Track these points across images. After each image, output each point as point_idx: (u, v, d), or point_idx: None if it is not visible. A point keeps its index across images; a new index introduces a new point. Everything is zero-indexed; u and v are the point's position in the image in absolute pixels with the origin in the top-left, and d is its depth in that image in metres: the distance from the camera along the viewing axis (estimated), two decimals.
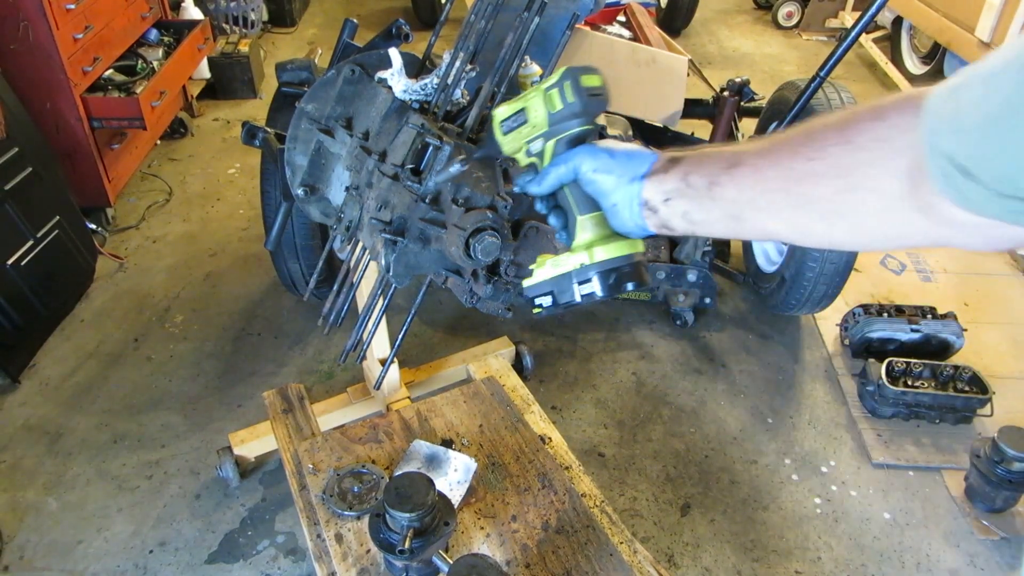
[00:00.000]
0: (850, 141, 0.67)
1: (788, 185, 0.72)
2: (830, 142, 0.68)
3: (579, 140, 0.88)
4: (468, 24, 1.22)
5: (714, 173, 0.78)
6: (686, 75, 3.07)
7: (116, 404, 2.48)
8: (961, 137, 0.55)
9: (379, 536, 1.33)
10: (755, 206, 0.75)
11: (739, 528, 2.11)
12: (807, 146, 0.70)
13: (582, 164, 0.86)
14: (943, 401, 2.34)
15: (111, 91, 3.26)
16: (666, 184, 0.81)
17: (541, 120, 0.89)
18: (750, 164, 0.75)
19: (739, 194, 0.76)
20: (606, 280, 0.85)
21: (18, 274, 2.57)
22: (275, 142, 1.55)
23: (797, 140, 0.72)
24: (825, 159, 0.68)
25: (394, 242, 1.13)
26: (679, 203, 0.81)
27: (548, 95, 0.87)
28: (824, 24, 5.70)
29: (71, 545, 2.04)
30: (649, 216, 0.83)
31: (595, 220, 0.87)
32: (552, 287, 0.89)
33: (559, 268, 0.88)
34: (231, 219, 3.46)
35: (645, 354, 2.72)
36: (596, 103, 0.87)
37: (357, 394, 2.30)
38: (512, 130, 0.92)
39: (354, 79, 1.34)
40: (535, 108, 0.89)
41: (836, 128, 0.69)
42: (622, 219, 0.85)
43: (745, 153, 0.76)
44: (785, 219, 0.74)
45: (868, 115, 0.67)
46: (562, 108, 0.87)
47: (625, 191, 0.84)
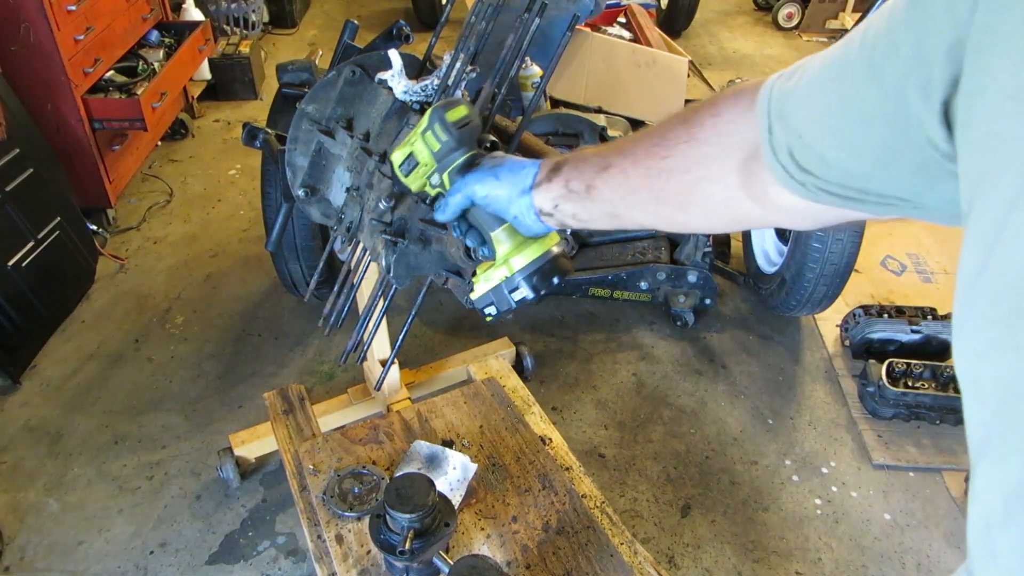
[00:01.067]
0: (694, 138, 0.73)
1: (648, 183, 0.79)
2: (680, 140, 0.75)
3: (468, 165, 0.96)
4: (468, 25, 1.22)
5: (590, 177, 0.85)
6: (686, 76, 3.08)
7: (117, 405, 2.48)
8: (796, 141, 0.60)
9: (379, 537, 1.33)
10: (627, 203, 0.83)
11: (739, 529, 2.11)
12: (660, 145, 0.77)
13: (475, 191, 0.93)
14: (944, 402, 2.34)
15: (112, 92, 3.27)
16: (551, 192, 0.88)
17: (428, 159, 0.97)
18: (617, 166, 0.82)
19: (612, 194, 0.83)
20: (531, 282, 0.94)
21: (19, 275, 2.57)
22: (275, 143, 1.55)
23: (652, 139, 0.79)
24: (675, 156, 0.75)
25: (394, 243, 1.13)
26: (566, 207, 0.88)
27: (425, 137, 0.95)
28: (824, 25, 5.70)
29: (72, 546, 2.04)
30: (547, 219, 0.91)
31: (506, 232, 0.95)
32: (492, 298, 0.97)
33: (491, 282, 0.96)
34: (232, 220, 3.46)
35: (645, 355, 2.72)
36: (467, 132, 0.95)
37: (357, 395, 2.30)
38: (410, 171, 1.00)
39: (355, 80, 1.34)
40: (420, 151, 0.97)
41: (682, 126, 0.75)
42: (526, 225, 0.92)
43: (613, 155, 0.83)
44: (651, 212, 0.82)
45: (707, 112, 0.73)
46: (440, 147, 0.95)
47: (518, 204, 0.91)
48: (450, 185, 0.97)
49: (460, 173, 0.95)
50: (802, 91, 0.59)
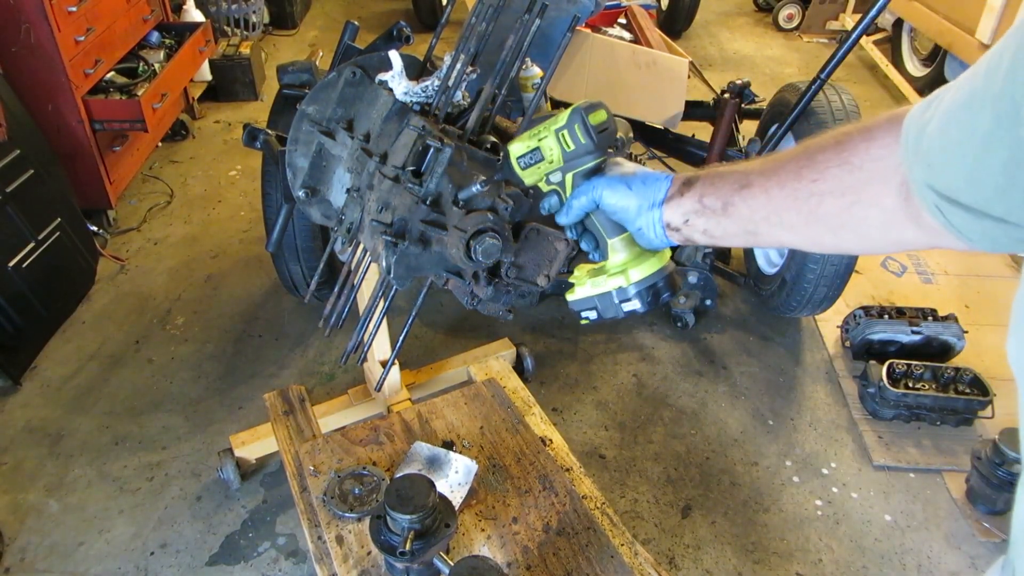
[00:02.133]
0: (847, 162, 0.74)
1: (797, 204, 0.79)
2: (831, 164, 0.75)
3: (595, 170, 0.95)
4: (469, 26, 1.22)
5: (727, 194, 0.85)
6: (687, 77, 3.08)
7: (117, 406, 2.48)
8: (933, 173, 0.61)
9: (380, 538, 1.33)
10: (769, 222, 0.83)
11: (740, 530, 2.11)
12: (809, 168, 0.77)
13: (603, 196, 0.93)
14: (944, 403, 2.34)
15: (112, 93, 3.27)
16: (683, 206, 0.88)
17: (556, 157, 0.95)
18: (759, 185, 0.82)
19: (752, 212, 0.83)
20: (644, 297, 0.94)
21: (19, 276, 2.57)
22: (276, 144, 1.55)
23: (800, 162, 0.79)
24: (828, 180, 0.75)
25: (395, 244, 1.13)
26: (698, 222, 0.88)
27: (561, 135, 0.94)
28: (825, 26, 5.71)
29: (72, 547, 2.04)
30: (672, 234, 0.91)
31: (624, 241, 0.95)
32: (596, 303, 0.97)
33: (600, 288, 0.96)
34: (232, 221, 3.46)
35: (646, 356, 2.72)
36: (605, 138, 0.94)
37: (358, 396, 2.30)
38: (530, 166, 0.98)
39: (355, 81, 1.34)
40: (549, 147, 0.95)
41: (833, 150, 0.75)
42: (648, 238, 0.93)
43: (753, 174, 0.83)
44: (798, 233, 0.82)
45: (860, 136, 0.73)
46: (575, 147, 0.94)
47: (647, 216, 0.91)
48: (572, 187, 0.96)
49: (586, 176, 0.95)
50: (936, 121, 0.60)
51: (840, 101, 2.46)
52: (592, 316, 0.98)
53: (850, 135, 0.74)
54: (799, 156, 0.79)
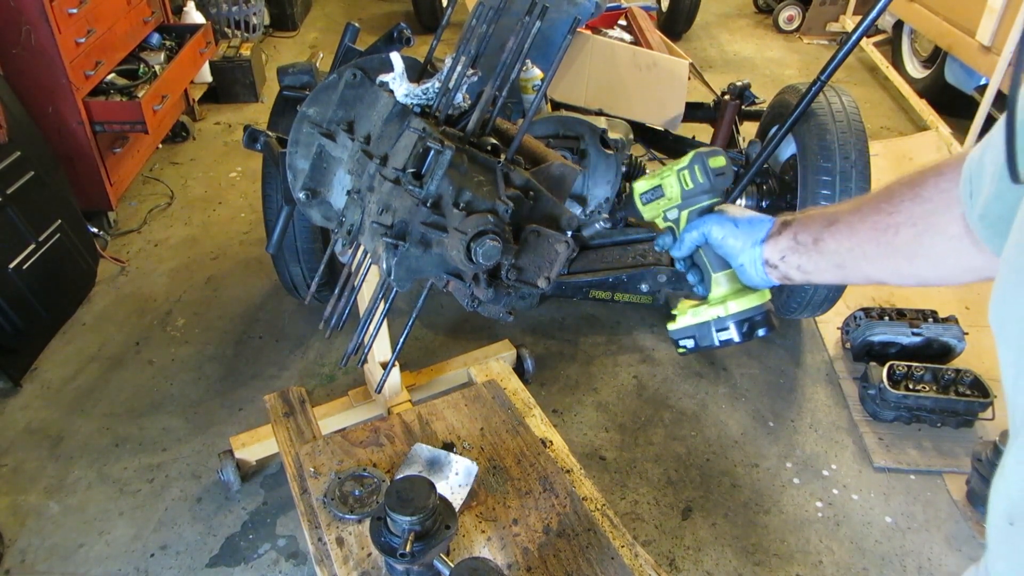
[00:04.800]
0: (918, 195, 0.82)
1: (876, 235, 0.87)
2: (905, 198, 0.84)
3: (708, 210, 1.05)
4: (469, 28, 1.22)
5: (817, 231, 0.93)
6: (687, 79, 3.08)
7: (117, 408, 2.48)
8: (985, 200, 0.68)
9: (380, 539, 1.33)
10: (853, 256, 0.90)
11: (740, 532, 2.11)
12: (887, 202, 0.86)
13: (712, 231, 1.02)
14: (945, 405, 2.33)
15: (113, 95, 3.27)
16: (780, 244, 0.97)
17: (676, 195, 1.06)
18: (845, 221, 0.90)
19: (838, 246, 0.91)
20: (741, 328, 1.02)
21: (20, 277, 2.57)
22: (276, 146, 1.55)
23: (880, 198, 0.88)
24: (902, 212, 0.84)
25: (395, 246, 1.13)
26: (793, 258, 0.96)
27: (681, 175, 1.05)
28: (825, 28, 5.71)
29: (72, 549, 2.04)
30: (771, 271, 0.99)
31: (727, 276, 1.03)
32: (694, 332, 1.05)
33: (699, 317, 1.04)
34: (233, 223, 3.47)
35: (646, 357, 2.72)
36: (722, 181, 1.04)
37: (358, 397, 2.30)
38: (650, 201, 1.09)
39: (355, 83, 1.34)
40: (670, 185, 1.06)
41: (908, 185, 0.84)
42: (749, 275, 1.01)
43: (840, 212, 0.92)
44: (878, 264, 0.89)
45: (932, 172, 0.82)
46: (694, 187, 1.04)
47: (749, 254, 0.99)
48: (686, 223, 1.05)
49: (699, 214, 1.04)
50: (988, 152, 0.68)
51: (840, 103, 2.46)
52: (689, 345, 1.06)
53: (924, 172, 0.83)
54: (880, 193, 0.88)
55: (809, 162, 2.41)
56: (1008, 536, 0.53)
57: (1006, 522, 0.54)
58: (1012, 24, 3.34)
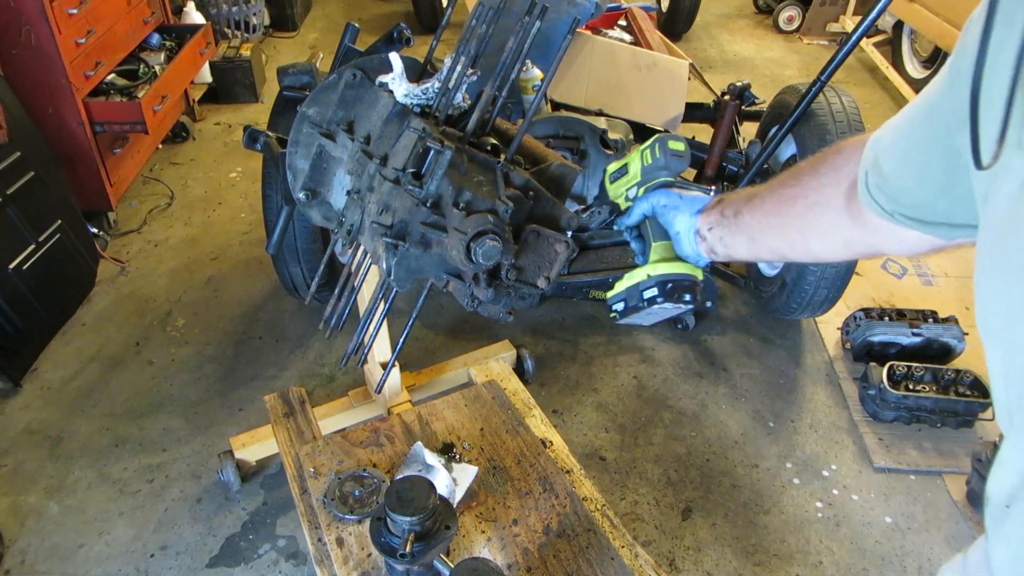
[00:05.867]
0: (816, 170, 0.89)
1: (779, 207, 0.93)
2: (804, 172, 0.91)
3: (662, 187, 1.12)
4: (469, 28, 1.22)
5: (738, 205, 0.99)
6: (687, 79, 3.08)
7: (117, 408, 2.48)
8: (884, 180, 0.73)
9: (380, 540, 1.33)
10: (760, 227, 0.96)
11: (740, 532, 2.11)
12: (792, 177, 0.93)
13: (659, 200, 1.09)
14: (945, 405, 2.33)
15: (113, 95, 3.27)
16: (710, 217, 1.04)
17: (636, 171, 1.14)
18: (759, 196, 0.97)
19: (752, 219, 0.97)
20: (664, 287, 1.06)
21: (20, 278, 2.57)
22: (276, 146, 1.55)
23: (788, 174, 0.94)
24: (800, 185, 0.91)
25: (395, 246, 1.13)
26: (717, 231, 1.02)
27: (643, 153, 1.13)
28: (825, 28, 5.71)
29: (72, 549, 2.04)
30: (700, 243, 1.05)
31: (664, 246, 1.10)
32: (625, 295, 1.12)
33: (632, 280, 1.11)
34: (233, 223, 3.47)
35: (646, 358, 2.72)
36: (677, 161, 1.11)
37: (358, 398, 2.30)
38: (616, 180, 1.17)
39: (355, 83, 1.34)
40: (633, 163, 1.14)
41: (811, 162, 0.90)
42: (683, 245, 1.08)
43: (760, 188, 0.98)
44: (779, 236, 0.95)
45: (832, 151, 0.88)
46: (652, 163, 1.12)
47: (686, 223, 1.06)
48: (638, 195, 1.13)
49: (652, 191, 1.12)
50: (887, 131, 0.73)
51: (840, 103, 2.46)
52: (620, 307, 1.13)
53: (827, 151, 0.89)
54: (792, 170, 0.94)
55: None
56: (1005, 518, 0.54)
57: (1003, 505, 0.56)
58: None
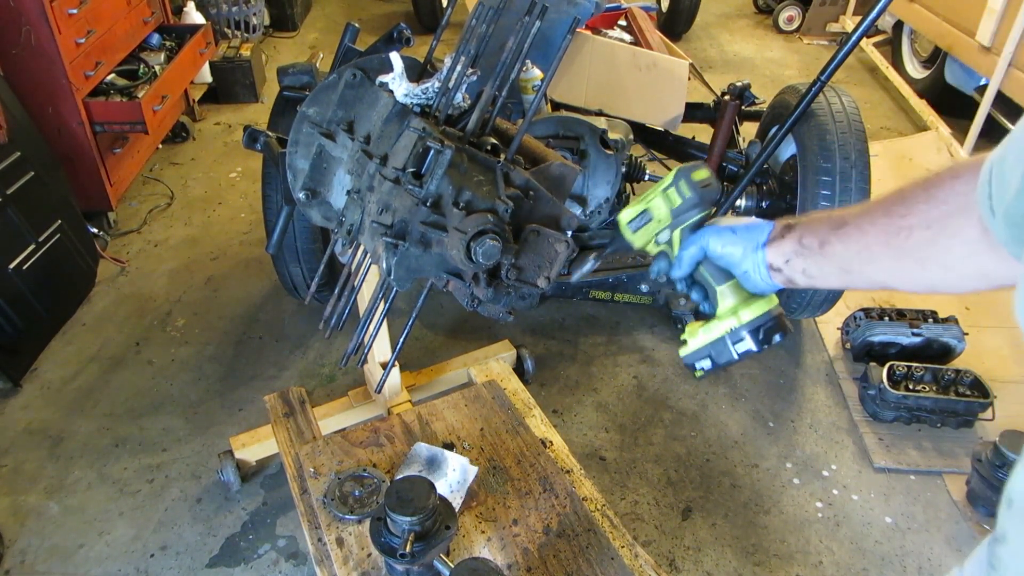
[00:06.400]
0: (933, 197, 0.79)
1: (887, 239, 0.84)
2: (918, 200, 0.81)
3: (700, 224, 1.02)
4: (469, 28, 1.22)
5: (824, 234, 0.91)
6: (687, 79, 3.08)
7: (117, 408, 2.48)
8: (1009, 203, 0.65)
9: (380, 540, 1.33)
10: (861, 259, 0.88)
11: (740, 532, 2.11)
12: (899, 205, 0.83)
13: (710, 243, 0.99)
14: (944, 405, 2.33)
15: (113, 95, 3.27)
16: (784, 248, 0.94)
17: (664, 215, 1.03)
18: (854, 224, 0.88)
19: (846, 250, 0.89)
20: (756, 336, 0.98)
21: (20, 278, 2.57)
22: (276, 146, 1.55)
23: (891, 201, 0.85)
24: (915, 215, 0.81)
25: (395, 246, 1.13)
26: (798, 262, 0.94)
27: (667, 194, 1.02)
28: (825, 28, 5.71)
29: (72, 549, 2.04)
30: (775, 275, 0.96)
31: (732, 287, 1.00)
32: (710, 351, 1.01)
33: (712, 334, 1.00)
34: (233, 223, 3.47)
35: (646, 358, 2.72)
36: (709, 192, 1.01)
37: (358, 398, 2.30)
38: (640, 228, 1.05)
39: (355, 83, 1.34)
40: (658, 207, 1.03)
41: (922, 187, 0.81)
42: (754, 281, 0.98)
43: (848, 215, 0.89)
44: (887, 268, 0.87)
45: (948, 174, 0.79)
46: (682, 203, 1.01)
47: (751, 259, 0.97)
48: (680, 242, 1.02)
49: (692, 231, 1.01)
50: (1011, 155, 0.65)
51: (840, 103, 2.46)
52: (707, 366, 1.01)
53: (939, 175, 0.80)
54: (892, 196, 0.85)
55: (809, 162, 2.41)
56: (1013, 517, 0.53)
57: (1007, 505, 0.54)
58: (1012, 24, 3.34)
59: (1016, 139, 0.65)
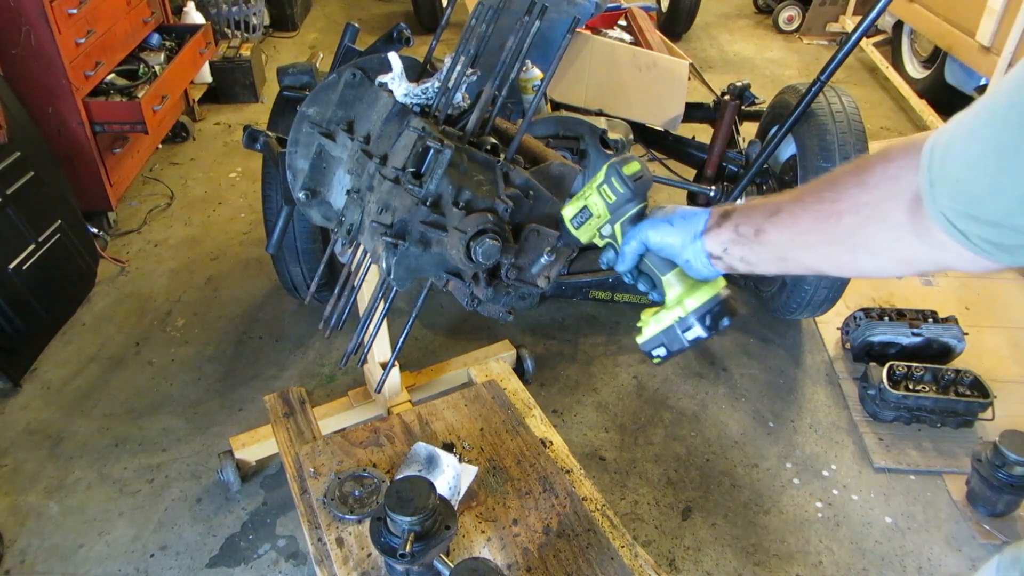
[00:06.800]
0: (864, 182, 0.79)
1: (817, 225, 0.84)
2: (849, 184, 0.81)
3: (639, 216, 1.04)
4: (469, 28, 1.22)
5: (759, 222, 0.91)
6: (687, 79, 3.08)
7: (117, 408, 2.48)
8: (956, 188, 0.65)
9: (380, 540, 1.33)
10: (794, 246, 0.88)
11: (740, 532, 2.11)
12: (830, 190, 0.83)
13: (649, 237, 1.01)
14: (944, 405, 2.33)
15: (113, 95, 3.27)
16: (721, 236, 0.95)
17: (603, 211, 1.05)
18: (787, 211, 0.88)
19: (780, 237, 0.89)
20: (704, 323, 0.99)
21: (20, 278, 2.57)
22: (276, 146, 1.55)
23: (822, 186, 0.85)
24: (845, 199, 0.81)
25: (395, 245, 1.13)
26: (735, 250, 0.94)
27: (602, 190, 1.04)
28: (825, 28, 5.71)
29: (72, 549, 2.04)
30: (716, 262, 0.97)
31: (677, 276, 1.01)
32: (663, 339, 1.03)
33: (662, 323, 1.02)
34: (233, 223, 3.47)
35: (646, 358, 2.71)
36: (642, 185, 1.03)
37: (358, 398, 2.30)
38: (582, 224, 1.07)
39: (355, 83, 1.34)
40: (595, 203, 1.05)
41: (853, 172, 0.81)
42: (696, 269, 0.99)
43: (782, 202, 0.89)
44: (820, 254, 0.87)
45: (879, 159, 0.79)
46: (616, 198, 1.03)
47: (691, 248, 0.98)
48: (622, 235, 1.04)
49: (632, 223, 1.03)
50: (959, 140, 0.65)
51: (840, 103, 2.46)
52: (662, 353, 1.04)
53: (871, 159, 0.80)
54: (823, 181, 0.85)
55: (809, 162, 2.41)
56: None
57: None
58: (1012, 24, 3.34)
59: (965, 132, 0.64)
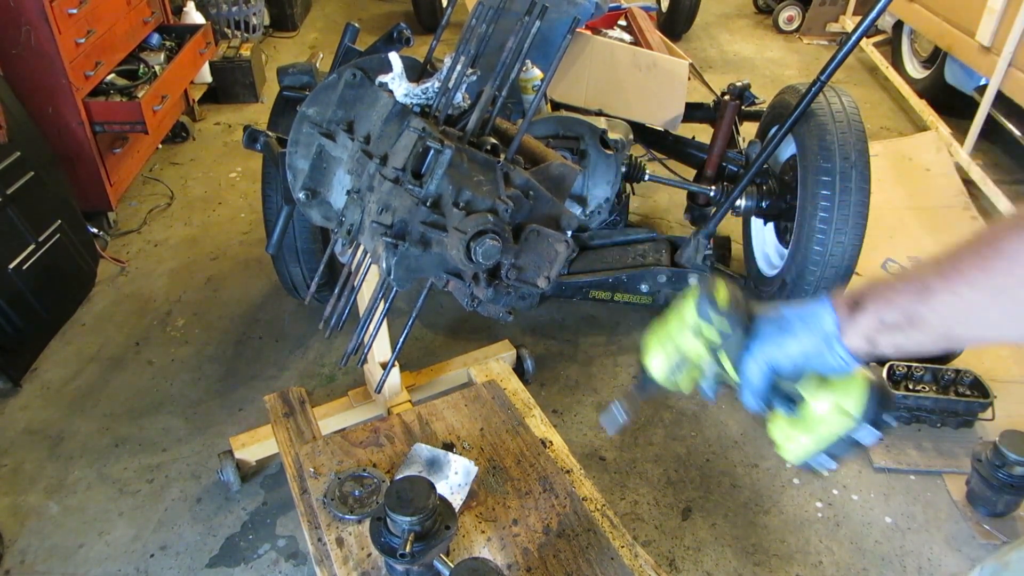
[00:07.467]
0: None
1: (996, 299, 0.74)
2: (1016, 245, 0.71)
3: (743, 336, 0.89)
4: (469, 28, 1.22)
5: (910, 308, 0.79)
6: (687, 79, 3.08)
7: (117, 408, 2.48)
8: None
9: (380, 540, 1.33)
10: (966, 325, 0.78)
11: (740, 532, 2.11)
12: (997, 256, 0.73)
13: (775, 358, 0.87)
14: (945, 405, 2.33)
15: (113, 95, 3.27)
16: (861, 329, 0.82)
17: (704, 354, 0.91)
18: (943, 288, 0.77)
19: (943, 320, 0.78)
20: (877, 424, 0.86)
21: (20, 278, 2.57)
22: (276, 146, 1.55)
23: (982, 254, 0.74)
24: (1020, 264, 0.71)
25: (395, 245, 1.13)
26: (883, 340, 0.82)
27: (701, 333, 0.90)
28: (825, 28, 5.71)
29: (72, 549, 2.04)
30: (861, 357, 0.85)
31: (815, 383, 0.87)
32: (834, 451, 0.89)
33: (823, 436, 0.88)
34: (233, 223, 3.47)
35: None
36: (741, 309, 0.89)
37: (358, 398, 2.30)
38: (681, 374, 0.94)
39: (355, 83, 1.34)
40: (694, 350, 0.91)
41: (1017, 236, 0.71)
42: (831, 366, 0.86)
43: (928, 278, 0.78)
44: (1004, 328, 0.77)
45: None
46: (723, 339, 0.89)
47: (830, 357, 0.84)
48: (734, 366, 0.90)
49: (738, 348, 0.89)
50: None
51: (840, 103, 2.46)
52: (832, 465, 0.90)
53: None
54: (980, 248, 0.75)
55: (809, 162, 2.41)
56: None
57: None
58: (1012, 24, 3.34)
59: None
